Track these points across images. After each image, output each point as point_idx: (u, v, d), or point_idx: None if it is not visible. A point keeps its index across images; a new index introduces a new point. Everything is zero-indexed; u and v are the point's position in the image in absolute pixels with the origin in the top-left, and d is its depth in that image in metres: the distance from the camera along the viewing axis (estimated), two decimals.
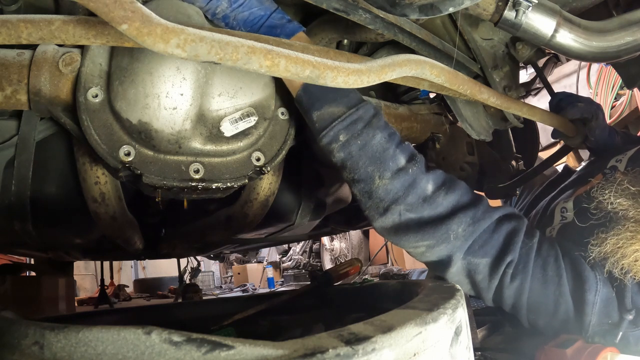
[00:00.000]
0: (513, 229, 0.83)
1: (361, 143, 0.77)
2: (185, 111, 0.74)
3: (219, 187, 0.78)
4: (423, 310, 0.55)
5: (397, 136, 0.80)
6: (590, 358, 0.89)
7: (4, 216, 0.84)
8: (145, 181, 0.73)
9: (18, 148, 0.82)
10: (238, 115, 0.79)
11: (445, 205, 0.79)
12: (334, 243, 5.45)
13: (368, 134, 0.77)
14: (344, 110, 0.77)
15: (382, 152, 0.77)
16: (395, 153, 0.77)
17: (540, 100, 4.17)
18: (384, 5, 0.75)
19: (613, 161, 1.17)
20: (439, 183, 0.80)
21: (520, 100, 1.04)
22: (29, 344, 0.40)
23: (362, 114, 0.77)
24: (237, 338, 0.41)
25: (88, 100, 0.72)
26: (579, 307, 0.82)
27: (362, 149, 0.77)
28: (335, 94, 0.77)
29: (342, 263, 1.28)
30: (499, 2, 0.87)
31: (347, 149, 0.77)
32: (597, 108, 1.20)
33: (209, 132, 0.77)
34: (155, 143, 0.74)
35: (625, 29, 0.93)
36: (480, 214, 0.80)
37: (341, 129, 0.77)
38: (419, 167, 0.79)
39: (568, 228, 1.01)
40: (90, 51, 0.74)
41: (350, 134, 0.77)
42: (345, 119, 0.76)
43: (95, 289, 4.57)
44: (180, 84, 0.73)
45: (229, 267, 8.24)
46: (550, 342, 0.95)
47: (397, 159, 0.77)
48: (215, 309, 1.27)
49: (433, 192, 0.78)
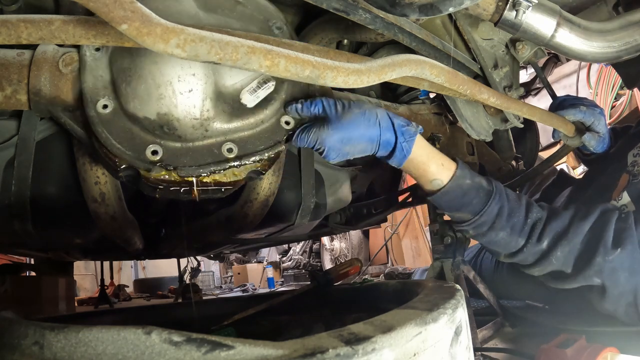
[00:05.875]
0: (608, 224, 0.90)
1: (487, 240, 0.95)
2: (202, 91, 0.72)
3: (256, 160, 0.75)
4: (423, 310, 0.55)
5: (517, 226, 0.92)
6: (590, 358, 0.89)
7: (4, 216, 0.84)
8: (181, 174, 0.71)
9: (18, 148, 0.82)
10: (255, 84, 0.77)
11: (559, 258, 0.92)
12: (334, 243, 5.45)
13: (491, 234, 0.93)
14: (470, 217, 0.92)
15: (505, 245, 0.94)
16: (516, 242, 0.93)
17: (540, 100, 4.17)
18: (384, 5, 0.75)
19: (631, 156, 1.17)
20: (551, 241, 0.92)
21: (520, 100, 1.03)
22: (29, 344, 0.40)
23: (485, 219, 0.91)
24: (237, 338, 0.41)
25: (99, 113, 0.70)
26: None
27: (489, 243, 0.97)
28: (461, 202, 0.91)
29: (342, 263, 1.28)
30: (499, 2, 0.87)
31: (478, 239, 0.98)
32: (600, 113, 1.19)
33: (231, 107, 0.75)
34: (180, 133, 0.72)
35: (625, 29, 0.93)
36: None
37: (469, 229, 0.95)
38: (533, 244, 0.93)
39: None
40: (87, 66, 0.72)
41: (477, 232, 0.94)
42: (471, 224, 0.93)
43: (95, 289, 4.57)
44: (189, 64, 0.71)
45: (229, 267, 8.24)
46: (550, 342, 0.95)
47: (517, 244, 0.93)
48: (215, 309, 1.27)
49: (548, 249, 0.93)
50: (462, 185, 0.89)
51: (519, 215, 0.92)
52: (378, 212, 1.62)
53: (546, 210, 0.94)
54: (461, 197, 0.90)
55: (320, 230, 1.69)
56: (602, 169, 1.28)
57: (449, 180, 0.88)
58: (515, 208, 0.92)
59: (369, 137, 0.81)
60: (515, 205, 0.92)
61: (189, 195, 0.78)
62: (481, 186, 0.91)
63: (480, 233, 0.94)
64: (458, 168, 0.89)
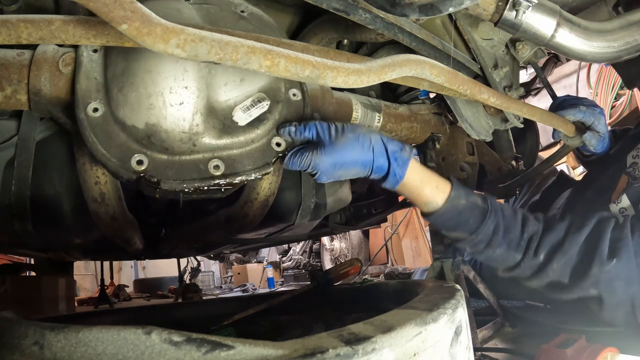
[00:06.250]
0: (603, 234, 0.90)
1: (484, 257, 0.96)
2: (193, 104, 0.71)
3: (243, 180, 0.74)
4: (423, 310, 0.55)
5: (514, 241, 0.92)
6: (590, 358, 0.89)
7: (4, 216, 0.84)
8: (164, 187, 0.69)
9: (18, 148, 0.82)
10: (249, 102, 0.76)
11: (555, 270, 0.93)
12: (334, 243, 5.45)
13: (488, 252, 0.93)
14: (466, 236, 0.92)
15: (503, 260, 0.95)
16: (513, 257, 0.93)
17: (540, 100, 4.17)
18: (384, 5, 0.75)
19: (630, 158, 1.17)
20: (547, 255, 0.93)
21: (520, 100, 1.03)
22: (29, 344, 0.40)
23: (481, 237, 0.91)
24: (237, 338, 0.41)
25: (89, 116, 0.69)
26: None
27: (487, 260, 0.98)
28: (457, 222, 0.91)
29: (342, 263, 1.28)
30: (499, 2, 0.87)
31: (476, 256, 1.00)
32: (600, 113, 1.19)
33: (221, 124, 0.74)
34: (167, 145, 0.71)
35: (625, 29, 0.93)
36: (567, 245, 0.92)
37: (466, 247, 0.96)
38: (529, 258, 0.93)
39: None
40: (83, 67, 0.71)
41: (474, 250, 0.95)
42: (468, 242, 0.93)
43: (95, 289, 4.56)
44: (182, 76, 0.70)
45: (229, 267, 8.24)
46: (550, 342, 0.95)
47: (514, 259, 0.94)
48: (215, 309, 1.27)
49: (544, 262, 0.93)
50: (457, 205, 0.89)
51: (515, 231, 0.92)
52: (378, 212, 1.62)
53: (542, 222, 0.95)
54: (457, 218, 0.90)
55: (320, 230, 1.69)
56: (602, 170, 1.28)
57: (443, 203, 0.89)
58: (511, 224, 0.93)
59: (362, 162, 0.82)
60: (511, 221, 0.93)
61: (189, 196, 0.77)
62: (476, 205, 0.91)
63: (477, 251, 0.95)
64: (452, 189, 0.89)
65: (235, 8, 0.88)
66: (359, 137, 0.81)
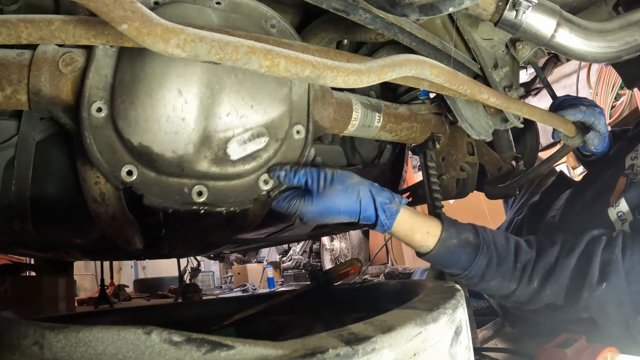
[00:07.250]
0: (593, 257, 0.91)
1: (480, 288, 0.99)
2: (187, 136, 0.72)
3: (222, 211, 0.76)
4: (423, 310, 0.55)
5: (508, 273, 0.94)
6: (590, 358, 0.89)
7: (4, 216, 0.84)
8: (146, 202, 0.71)
9: (18, 148, 0.82)
10: (247, 136, 0.76)
11: (549, 295, 0.94)
12: (334, 243, 5.45)
13: (483, 285, 0.96)
14: (460, 272, 0.95)
15: (498, 290, 0.97)
16: (508, 287, 0.95)
17: (540, 100, 4.17)
18: (384, 5, 0.75)
19: (629, 159, 1.17)
20: (540, 281, 0.94)
21: (520, 100, 1.03)
22: (29, 344, 0.40)
23: (475, 273, 0.93)
24: (237, 338, 0.41)
25: (92, 116, 0.70)
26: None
27: (483, 291, 1.02)
28: (450, 261, 0.93)
29: (342, 263, 1.28)
30: (499, 2, 0.87)
31: (471, 288, 1.02)
32: (600, 113, 1.19)
33: (214, 154, 0.75)
34: (157, 165, 0.72)
35: (625, 29, 0.93)
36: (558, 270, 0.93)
37: (463, 282, 0.97)
38: (524, 286, 0.94)
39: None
40: (96, 61, 0.72)
41: (469, 283, 0.97)
42: (462, 278, 0.95)
43: (95, 289, 4.57)
44: (181, 107, 0.71)
45: (229, 267, 8.24)
46: (550, 342, 0.95)
47: (509, 289, 0.95)
48: (215, 309, 1.27)
49: (538, 288, 0.94)
50: (448, 246, 0.91)
51: (508, 262, 0.94)
52: None
53: (534, 248, 0.96)
54: (449, 257, 0.92)
55: (320, 230, 1.69)
56: (602, 171, 1.28)
57: (434, 245, 0.90)
58: (503, 255, 0.94)
59: (348, 214, 0.84)
60: (504, 252, 0.94)
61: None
62: (468, 242, 0.92)
63: (472, 284, 0.97)
64: (443, 231, 0.91)
65: (265, 22, 0.87)
66: (347, 188, 0.83)
